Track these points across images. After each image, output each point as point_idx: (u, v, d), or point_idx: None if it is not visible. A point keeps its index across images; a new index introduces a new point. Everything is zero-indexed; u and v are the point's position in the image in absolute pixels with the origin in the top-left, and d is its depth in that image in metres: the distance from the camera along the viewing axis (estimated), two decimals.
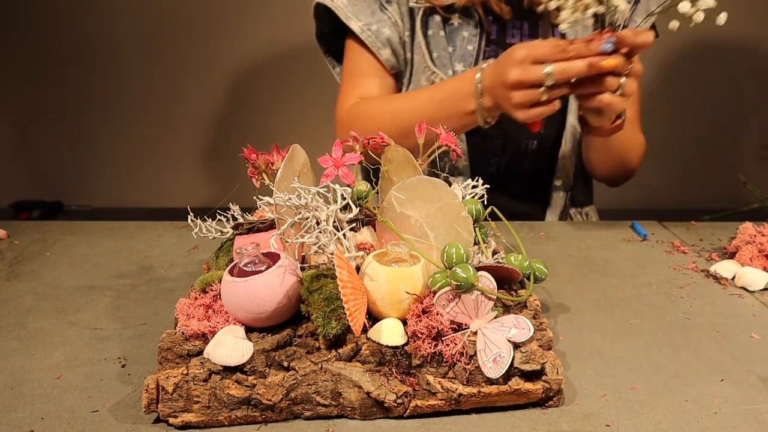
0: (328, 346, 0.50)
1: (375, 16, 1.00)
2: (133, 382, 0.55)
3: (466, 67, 1.00)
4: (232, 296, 0.51)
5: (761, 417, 0.49)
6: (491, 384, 0.49)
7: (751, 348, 0.60)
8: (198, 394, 0.47)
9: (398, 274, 0.51)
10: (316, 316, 0.50)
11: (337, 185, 0.58)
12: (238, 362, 0.48)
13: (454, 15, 1.00)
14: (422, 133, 0.64)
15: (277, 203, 0.54)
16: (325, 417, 0.49)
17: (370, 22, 1.00)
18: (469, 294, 0.51)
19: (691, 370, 0.56)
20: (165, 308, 0.70)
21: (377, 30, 1.00)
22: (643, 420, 0.48)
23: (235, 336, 0.50)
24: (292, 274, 0.52)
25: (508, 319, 0.51)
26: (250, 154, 0.66)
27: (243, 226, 0.63)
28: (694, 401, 0.51)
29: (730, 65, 2.80)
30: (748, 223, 0.83)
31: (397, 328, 0.51)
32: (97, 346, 0.61)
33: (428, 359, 0.49)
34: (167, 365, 0.50)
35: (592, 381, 0.54)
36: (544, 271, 0.60)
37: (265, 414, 0.48)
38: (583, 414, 0.49)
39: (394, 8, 1.01)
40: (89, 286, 0.77)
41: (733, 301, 0.70)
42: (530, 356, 0.49)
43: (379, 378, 0.49)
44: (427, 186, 0.55)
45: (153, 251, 0.90)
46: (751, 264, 0.76)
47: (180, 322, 0.52)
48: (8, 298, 0.73)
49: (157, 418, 0.49)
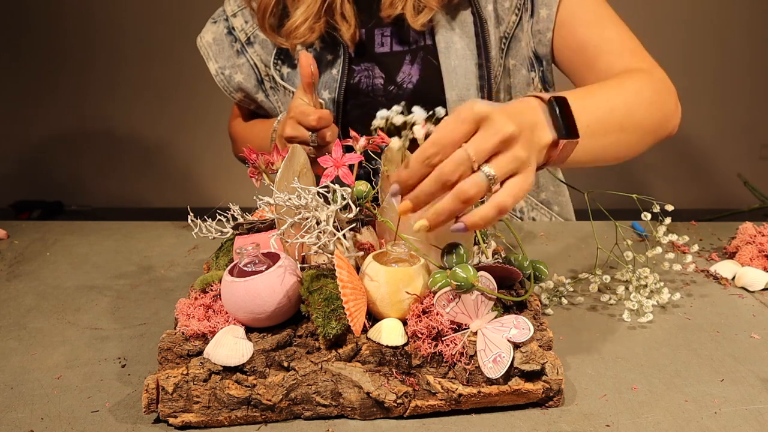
0: (328, 346, 0.50)
1: (230, 60, 1.01)
2: (133, 382, 0.55)
3: (331, 93, 0.93)
4: (232, 296, 0.51)
5: (761, 417, 0.49)
6: (491, 384, 0.49)
7: (751, 348, 0.60)
8: (198, 395, 0.47)
9: (398, 274, 0.51)
10: (316, 316, 0.50)
11: (337, 185, 0.58)
12: (238, 362, 0.48)
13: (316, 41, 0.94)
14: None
15: (277, 203, 0.54)
16: (325, 417, 0.49)
17: (224, 66, 1.01)
18: (469, 294, 0.51)
19: (691, 370, 0.56)
20: (165, 308, 0.70)
21: (229, 75, 1.01)
22: (643, 420, 0.48)
23: (235, 336, 0.50)
24: (292, 274, 0.52)
25: (508, 320, 0.51)
26: (250, 154, 0.66)
27: (243, 226, 0.63)
28: (694, 401, 0.51)
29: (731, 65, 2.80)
30: (748, 223, 0.83)
31: (397, 328, 0.51)
32: (97, 346, 0.61)
33: (428, 359, 0.49)
34: (167, 365, 0.50)
35: (592, 381, 0.54)
36: (544, 271, 0.60)
37: (265, 414, 0.48)
38: (583, 414, 0.49)
39: (254, 50, 1.00)
40: (89, 286, 0.77)
41: (733, 301, 0.70)
42: (530, 356, 0.49)
43: (379, 378, 0.49)
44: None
45: (153, 251, 0.90)
46: (751, 264, 0.76)
47: (180, 322, 0.52)
48: (8, 298, 0.73)
49: (157, 418, 0.49)
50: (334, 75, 0.94)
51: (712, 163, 2.93)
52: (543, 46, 0.92)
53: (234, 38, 1.01)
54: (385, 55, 0.94)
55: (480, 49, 0.89)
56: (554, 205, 1.06)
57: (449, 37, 0.90)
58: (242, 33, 1.00)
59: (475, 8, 0.89)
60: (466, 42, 0.89)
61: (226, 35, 1.01)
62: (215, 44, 1.01)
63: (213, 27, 1.03)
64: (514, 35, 0.92)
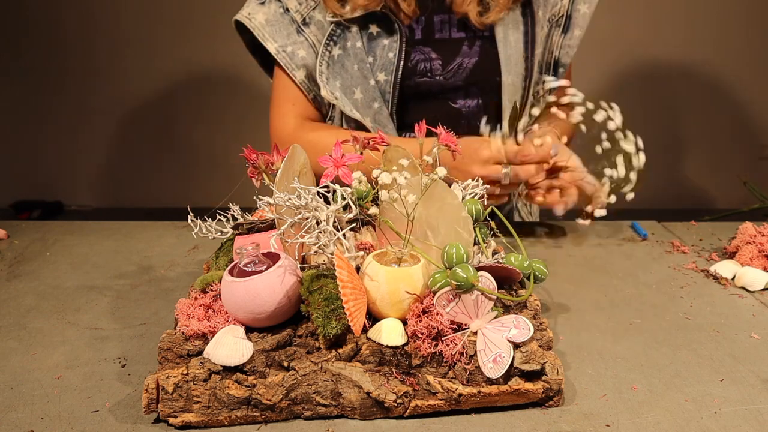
0: (328, 346, 0.50)
1: (290, 38, 1.01)
2: (133, 382, 0.55)
3: (387, 76, 0.97)
4: (232, 296, 0.51)
5: (761, 417, 0.49)
6: (491, 384, 0.49)
7: (751, 348, 0.60)
8: (198, 394, 0.47)
9: (398, 274, 0.51)
10: (316, 316, 0.50)
11: (337, 185, 0.58)
12: (238, 362, 0.48)
13: (372, 24, 0.98)
14: (422, 133, 0.64)
15: (277, 203, 0.54)
16: (325, 417, 0.49)
17: (285, 44, 1.01)
18: (469, 294, 0.51)
19: (691, 370, 0.56)
20: (165, 308, 0.70)
21: (292, 52, 1.01)
22: (643, 420, 0.48)
23: (235, 336, 0.50)
24: (292, 274, 0.52)
25: (508, 319, 0.51)
26: (250, 154, 0.66)
27: (243, 226, 0.63)
28: (694, 401, 0.51)
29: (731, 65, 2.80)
30: (748, 223, 0.83)
31: (397, 328, 0.51)
32: (97, 346, 0.61)
33: (428, 359, 0.49)
34: (167, 365, 0.50)
35: (592, 381, 0.54)
36: (544, 271, 0.60)
37: (265, 414, 0.48)
38: (583, 414, 0.49)
39: (311, 30, 1.01)
40: (89, 286, 0.77)
41: (733, 301, 0.70)
42: (530, 356, 0.49)
43: (379, 378, 0.49)
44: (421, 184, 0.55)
45: (153, 251, 0.90)
46: (751, 264, 0.76)
47: (180, 322, 0.52)
48: (8, 298, 0.73)
49: (157, 418, 0.49)
50: (390, 58, 0.97)
51: (712, 163, 2.93)
52: (568, 57, 1.03)
53: (291, 18, 1.01)
54: (443, 41, 0.99)
55: (527, 45, 0.99)
56: None
57: (506, 31, 0.98)
58: (297, 14, 1.01)
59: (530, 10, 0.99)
60: (517, 37, 0.98)
61: (282, 15, 1.01)
62: (269, 25, 1.01)
63: (263, 8, 1.01)
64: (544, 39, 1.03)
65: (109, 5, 2.91)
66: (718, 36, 2.74)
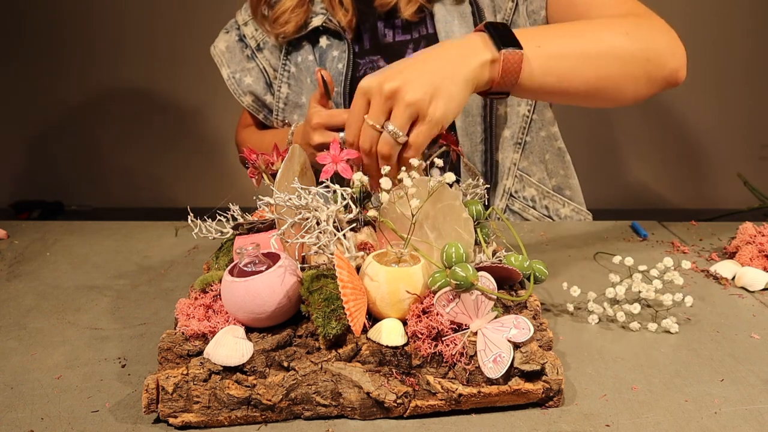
0: (328, 346, 0.50)
1: (240, 64, 1.07)
2: (133, 382, 0.55)
3: (338, 87, 0.98)
4: (232, 296, 0.51)
5: (761, 417, 0.49)
6: (491, 384, 0.49)
7: (751, 348, 0.60)
8: (198, 395, 0.47)
9: (398, 274, 0.51)
10: (316, 316, 0.50)
11: (337, 185, 0.58)
12: (238, 362, 0.48)
13: (322, 37, 0.99)
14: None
15: (277, 203, 0.54)
16: (325, 417, 0.49)
17: (235, 71, 1.07)
18: (469, 294, 0.51)
19: (691, 370, 0.56)
20: (165, 308, 0.70)
21: (239, 78, 1.07)
22: (643, 420, 0.48)
23: (235, 336, 0.50)
24: (292, 275, 0.52)
25: (508, 320, 0.51)
26: (250, 154, 0.66)
27: (243, 226, 0.63)
28: (694, 401, 0.51)
29: (731, 65, 2.80)
30: (748, 223, 0.83)
31: (397, 328, 0.51)
32: (97, 346, 0.61)
33: (428, 359, 0.49)
34: (167, 365, 0.50)
35: (592, 381, 0.54)
36: (544, 271, 0.60)
37: (265, 414, 0.48)
38: (583, 414, 0.49)
39: (264, 55, 1.06)
40: (89, 286, 0.77)
41: (733, 301, 0.70)
42: (530, 356, 0.49)
43: (379, 378, 0.49)
44: (428, 187, 0.55)
45: (153, 251, 0.90)
46: (751, 264, 0.76)
47: (180, 322, 0.52)
48: (8, 298, 0.73)
49: (157, 418, 0.49)
50: (339, 69, 0.98)
51: (712, 163, 2.93)
52: (538, 24, 0.94)
53: (245, 45, 1.07)
54: (388, 46, 0.98)
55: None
56: (566, 189, 1.08)
57: (449, 27, 0.94)
58: (252, 40, 1.06)
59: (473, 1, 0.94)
60: (465, 30, 0.93)
61: (237, 42, 1.08)
62: (228, 52, 1.08)
63: (225, 36, 1.10)
64: (513, 21, 0.96)
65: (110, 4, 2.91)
66: (718, 35, 2.74)
